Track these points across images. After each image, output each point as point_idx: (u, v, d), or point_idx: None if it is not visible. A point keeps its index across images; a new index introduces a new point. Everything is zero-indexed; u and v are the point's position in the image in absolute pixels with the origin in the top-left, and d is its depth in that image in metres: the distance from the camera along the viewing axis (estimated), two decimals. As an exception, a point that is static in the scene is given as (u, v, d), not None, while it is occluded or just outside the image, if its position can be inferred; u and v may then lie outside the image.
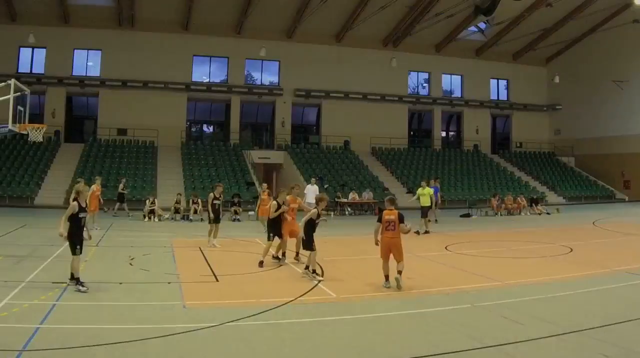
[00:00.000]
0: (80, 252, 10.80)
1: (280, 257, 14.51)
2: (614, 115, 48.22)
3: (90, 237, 10.97)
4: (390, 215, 11.39)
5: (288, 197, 14.86)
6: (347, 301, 10.43)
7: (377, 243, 11.57)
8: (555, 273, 13.36)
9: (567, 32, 48.68)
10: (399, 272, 11.05)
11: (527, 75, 54.44)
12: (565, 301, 10.47)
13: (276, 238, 14.46)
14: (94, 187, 22.19)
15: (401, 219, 11.32)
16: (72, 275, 10.68)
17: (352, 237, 20.43)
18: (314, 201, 25.69)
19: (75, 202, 10.81)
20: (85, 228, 11.22)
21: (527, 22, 46.12)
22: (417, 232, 21.12)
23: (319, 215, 12.76)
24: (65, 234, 10.58)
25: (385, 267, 11.36)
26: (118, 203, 28.92)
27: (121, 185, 29.42)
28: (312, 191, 26.14)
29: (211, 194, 17.75)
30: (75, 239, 10.70)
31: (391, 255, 11.32)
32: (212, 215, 17.43)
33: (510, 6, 40.99)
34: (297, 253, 14.62)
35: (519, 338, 7.87)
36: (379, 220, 11.54)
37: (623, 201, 46.05)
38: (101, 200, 23.99)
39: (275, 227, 14.41)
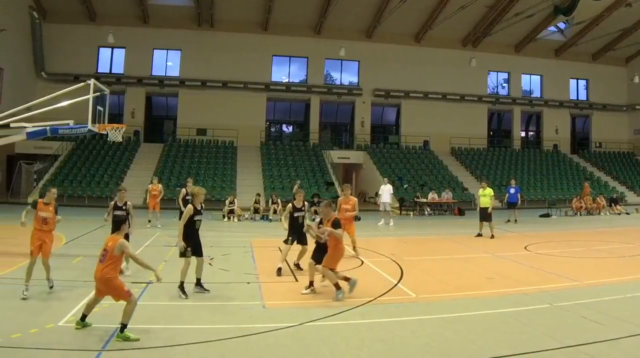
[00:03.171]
0: (190, 256, 10.68)
1: (298, 263, 13.60)
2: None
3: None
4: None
5: (340, 198, 14.66)
6: (427, 301, 10.52)
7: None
8: (635, 273, 13.31)
9: (647, 32, 47.22)
10: None
11: (606, 75, 52.82)
12: (645, 302, 10.41)
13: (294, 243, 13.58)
14: (149, 186, 22.53)
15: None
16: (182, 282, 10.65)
17: (431, 237, 20.47)
18: (388, 200, 26.19)
19: (190, 205, 10.87)
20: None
21: (607, 22, 44.86)
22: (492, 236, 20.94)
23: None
24: (184, 243, 10.59)
25: None
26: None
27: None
28: (386, 191, 26.55)
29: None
30: (187, 242, 10.63)
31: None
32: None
33: (589, 6, 40.38)
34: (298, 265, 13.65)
35: (598, 339, 7.95)
36: None
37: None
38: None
39: (296, 230, 13.55)
